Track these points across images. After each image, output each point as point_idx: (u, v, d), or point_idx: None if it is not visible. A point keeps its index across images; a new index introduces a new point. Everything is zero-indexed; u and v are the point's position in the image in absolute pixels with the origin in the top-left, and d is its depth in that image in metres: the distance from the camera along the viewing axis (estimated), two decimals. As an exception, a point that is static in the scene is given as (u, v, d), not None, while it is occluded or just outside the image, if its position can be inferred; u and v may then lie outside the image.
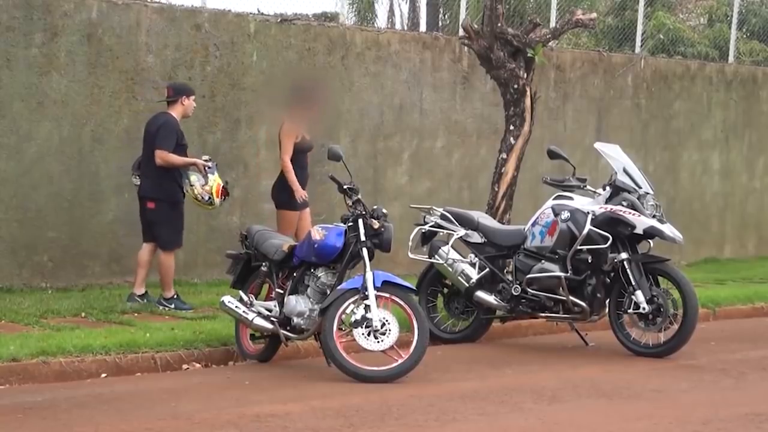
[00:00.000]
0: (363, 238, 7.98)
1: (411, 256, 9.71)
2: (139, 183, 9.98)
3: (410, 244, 9.71)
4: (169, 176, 9.79)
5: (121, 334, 8.52)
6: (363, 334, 7.78)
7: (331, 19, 14.00)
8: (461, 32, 12.23)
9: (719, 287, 12.89)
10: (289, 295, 8.25)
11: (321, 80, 12.07)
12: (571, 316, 9.33)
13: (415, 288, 8.41)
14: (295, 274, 8.33)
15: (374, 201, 10.80)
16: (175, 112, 9.88)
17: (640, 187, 9.21)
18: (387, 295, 7.88)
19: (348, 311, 7.86)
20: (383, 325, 7.77)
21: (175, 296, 10.01)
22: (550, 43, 12.25)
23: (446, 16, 19.79)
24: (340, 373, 7.74)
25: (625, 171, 9.28)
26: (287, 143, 10.30)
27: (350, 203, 8.17)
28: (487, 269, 9.50)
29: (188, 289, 11.18)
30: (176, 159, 9.75)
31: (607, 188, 9.32)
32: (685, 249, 14.23)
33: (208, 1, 12.20)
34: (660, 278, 9.15)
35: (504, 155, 11.02)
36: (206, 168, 9.78)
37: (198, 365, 8.34)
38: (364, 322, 7.77)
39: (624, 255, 9.05)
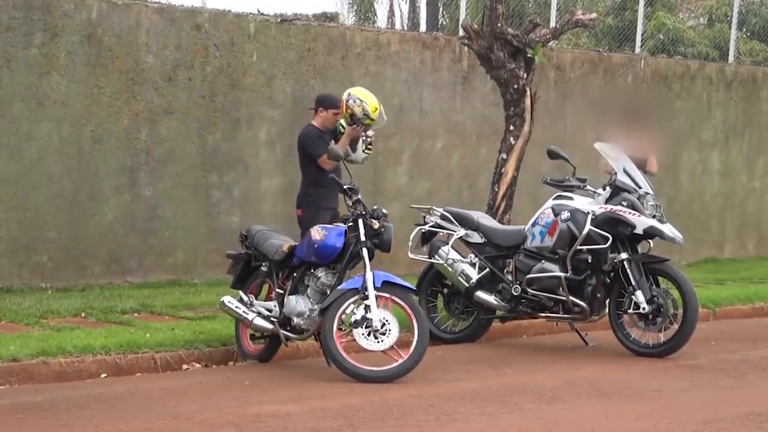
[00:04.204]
0: (363, 238, 7.98)
1: (411, 256, 9.71)
2: None
3: (410, 244, 9.70)
4: (317, 185, 9.49)
5: (121, 334, 8.52)
6: (363, 334, 7.78)
7: (331, 19, 14.02)
8: (461, 32, 12.23)
9: (719, 287, 12.89)
10: (289, 295, 8.25)
11: None
12: (571, 316, 9.33)
13: (415, 288, 8.41)
14: (295, 275, 8.33)
15: (374, 201, 10.80)
16: (316, 122, 9.76)
17: (640, 187, 9.21)
18: (387, 295, 7.88)
19: (348, 311, 7.86)
20: (383, 325, 7.77)
21: None
22: (550, 43, 12.25)
23: (446, 17, 19.78)
24: (340, 374, 7.74)
25: (625, 171, 9.28)
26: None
27: (350, 203, 8.17)
28: (487, 269, 9.50)
29: (188, 289, 11.20)
30: (339, 151, 9.58)
31: (607, 188, 9.32)
32: (685, 249, 14.23)
33: (208, 1, 12.21)
34: (660, 278, 9.15)
35: (504, 155, 11.03)
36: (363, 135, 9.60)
37: (198, 365, 8.34)
38: (364, 322, 7.77)
39: (624, 255, 9.05)
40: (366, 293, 7.80)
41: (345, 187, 8.17)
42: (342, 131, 9.53)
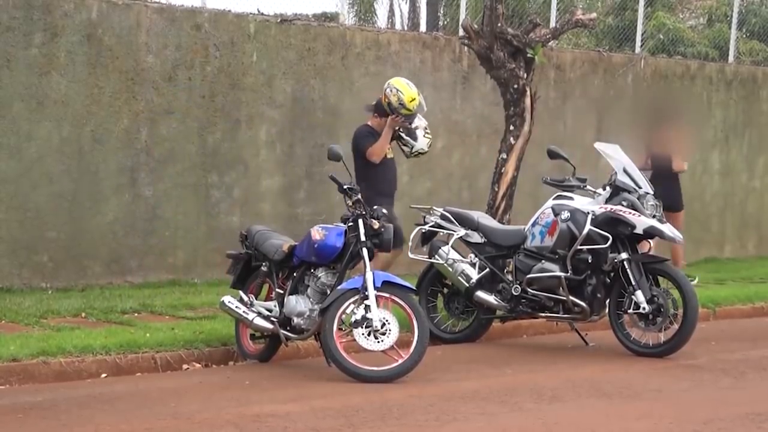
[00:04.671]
0: (363, 238, 7.98)
1: (411, 256, 9.71)
2: None
3: (410, 244, 9.71)
4: (369, 182, 9.56)
5: (121, 334, 8.52)
6: (363, 334, 7.78)
7: (331, 19, 14.00)
8: (461, 32, 12.23)
9: (719, 287, 12.88)
10: (289, 295, 8.25)
11: None
12: (571, 316, 9.33)
13: (415, 288, 8.42)
14: (295, 274, 8.33)
15: (374, 201, 10.80)
16: (371, 122, 9.89)
17: (640, 187, 9.21)
18: (387, 295, 7.88)
19: (348, 311, 7.86)
20: (383, 325, 7.77)
21: None
22: (550, 43, 12.25)
23: (446, 16, 19.78)
24: (340, 373, 7.74)
25: (625, 171, 9.28)
26: None
27: (350, 203, 8.17)
28: (487, 269, 9.49)
29: (188, 289, 11.20)
30: (380, 143, 9.70)
31: (607, 188, 9.32)
32: (685, 249, 14.22)
33: (208, 1, 12.22)
34: (660, 278, 9.15)
35: (504, 155, 11.02)
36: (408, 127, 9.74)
37: (198, 365, 8.34)
38: (364, 322, 7.77)
39: (624, 255, 9.05)
40: (366, 293, 7.79)
41: (345, 187, 8.17)
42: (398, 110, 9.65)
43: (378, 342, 7.78)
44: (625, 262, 9.04)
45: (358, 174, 9.53)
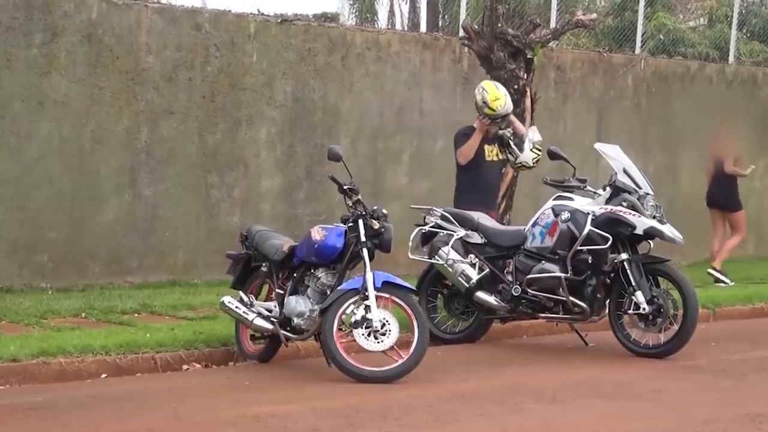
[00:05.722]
0: (363, 238, 7.98)
1: (411, 256, 9.70)
2: None
3: (410, 244, 9.69)
4: (461, 184, 9.91)
5: (121, 334, 8.52)
6: (363, 334, 7.77)
7: (331, 19, 14.02)
8: (461, 33, 12.24)
9: (719, 287, 12.88)
10: (289, 295, 8.24)
11: None
12: (571, 317, 9.32)
13: (415, 288, 8.41)
14: (295, 275, 8.32)
15: (374, 201, 10.77)
16: (475, 124, 9.89)
17: (641, 188, 9.20)
18: (387, 295, 7.87)
19: (348, 312, 7.85)
20: (383, 325, 7.77)
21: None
22: (550, 44, 12.25)
23: (446, 17, 19.79)
24: (341, 374, 7.74)
25: (625, 171, 9.27)
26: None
27: (350, 204, 8.17)
28: (487, 270, 9.48)
29: (188, 289, 11.20)
30: (468, 144, 9.77)
31: (608, 189, 9.31)
32: (686, 249, 14.19)
33: (208, 1, 12.25)
34: (660, 279, 9.15)
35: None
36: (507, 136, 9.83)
37: (198, 365, 8.34)
38: (364, 322, 7.76)
39: (624, 255, 9.04)
40: (366, 293, 7.79)
41: (345, 187, 8.16)
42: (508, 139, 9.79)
43: (378, 342, 7.78)
44: (625, 263, 9.03)
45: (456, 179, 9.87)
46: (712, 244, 13.58)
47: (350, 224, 8.09)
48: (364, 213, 8.07)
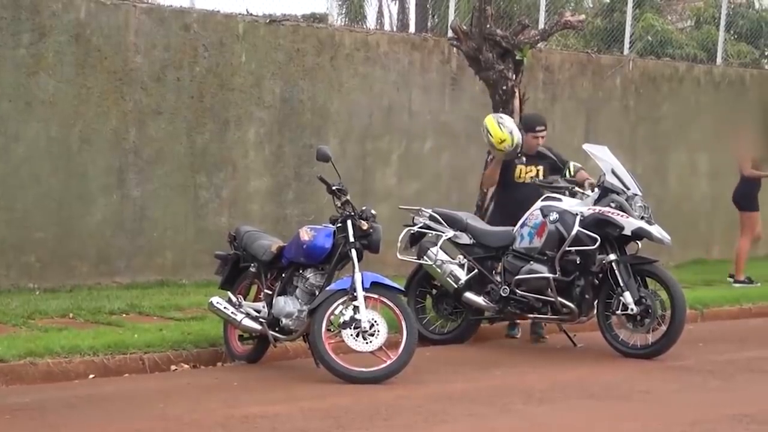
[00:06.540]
0: (352, 239, 7.98)
1: (400, 257, 9.70)
2: None
3: (399, 245, 9.70)
4: (497, 199, 10.16)
5: (109, 334, 8.51)
6: (351, 335, 7.77)
7: (320, 20, 14.00)
8: (450, 33, 12.23)
9: (707, 288, 12.91)
10: (277, 296, 8.24)
11: None
12: (560, 317, 9.34)
13: (403, 289, 8.43)
14: (283, 275, 8.32)
15: (363, 202, 10.79)
16: None
17: (629, 189, 9.22)
18: (375, 296, 7.88)
19: (336, 312, 7.85)
20: (372, 326, 7.77)
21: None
22: (538, 45, 12.25)
23: (435, 18, 19.80)
24: (329, 374, 7.74)
25: (614, 172, 9.28)
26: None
27: (339, 204, 8.17)
28: (476, 270, 9.49)
29: (177, 289, 11.18)
30: (485, 174, 10.15)
31: (596, 189, 9.33)
32: (674, 250, 14.22)
33: (196, 1, 12.20)
34: (648, 279, 9.17)
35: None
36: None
37: (186, 366, 8.33)
38: (353, 323, 7.76)
39: (612, 256, 9.06)
40: (355, 294, 7.79)
41: (333, 187, 8.16)
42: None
43: (366, 343, 7.78)
44: (613, 264, 9.05)
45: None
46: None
47: (339, 225, 8.10)
48: (352, 213, 8.07)
